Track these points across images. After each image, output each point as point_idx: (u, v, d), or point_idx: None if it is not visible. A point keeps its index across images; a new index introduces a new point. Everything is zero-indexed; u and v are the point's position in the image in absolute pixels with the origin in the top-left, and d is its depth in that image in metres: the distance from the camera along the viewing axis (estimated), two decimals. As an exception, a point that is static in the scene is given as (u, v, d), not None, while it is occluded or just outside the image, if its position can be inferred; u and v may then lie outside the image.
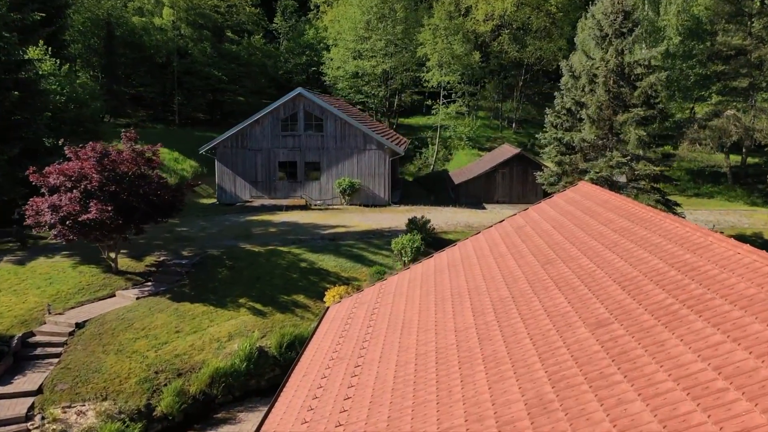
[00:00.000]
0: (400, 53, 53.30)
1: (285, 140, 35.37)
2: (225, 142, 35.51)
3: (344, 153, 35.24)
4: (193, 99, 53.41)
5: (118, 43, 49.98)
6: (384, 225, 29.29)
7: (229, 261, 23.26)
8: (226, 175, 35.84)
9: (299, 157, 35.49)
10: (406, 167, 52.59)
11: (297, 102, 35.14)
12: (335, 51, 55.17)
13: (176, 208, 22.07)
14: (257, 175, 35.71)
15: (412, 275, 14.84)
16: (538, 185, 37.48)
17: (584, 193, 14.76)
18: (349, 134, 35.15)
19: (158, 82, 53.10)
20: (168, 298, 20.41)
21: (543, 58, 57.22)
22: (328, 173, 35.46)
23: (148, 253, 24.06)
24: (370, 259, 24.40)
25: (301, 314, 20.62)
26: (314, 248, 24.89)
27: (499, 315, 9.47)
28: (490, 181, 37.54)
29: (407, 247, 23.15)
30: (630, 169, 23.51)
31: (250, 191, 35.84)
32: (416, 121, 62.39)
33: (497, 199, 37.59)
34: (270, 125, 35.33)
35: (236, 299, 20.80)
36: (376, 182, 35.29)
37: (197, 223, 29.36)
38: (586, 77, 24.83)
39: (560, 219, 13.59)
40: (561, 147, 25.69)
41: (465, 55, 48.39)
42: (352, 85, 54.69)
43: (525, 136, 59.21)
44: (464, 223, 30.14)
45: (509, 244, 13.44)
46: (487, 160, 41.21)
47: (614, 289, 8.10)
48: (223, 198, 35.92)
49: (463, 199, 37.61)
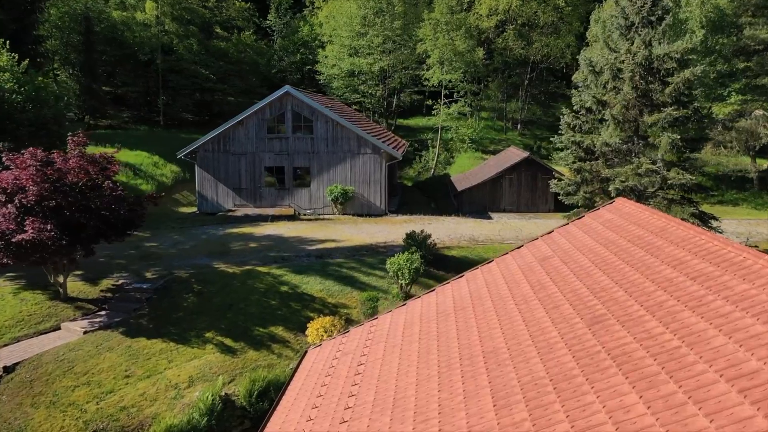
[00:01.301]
0: (398, 50, 50.19)
1: (271, 143, 32.25)
2: (205, 145, 32.37)
3: (336, 157, 32.11)
4: (179, 99, 50.31)
5: (97, 40, 46.86)
6: (379, 239, 26.13)
7: (197, 285, 20.09)
8: (207, 182, 32.70)
9: (287, 161, 32.35)
10: (404, 171, 49.47)
11: (284, 101, 32.01)
12: (330, 48, 52.04)
13: (134, 224, 18.90)
14: (241, 181, 32.57)
15: (409, 317, 11.71)
16: (548, 192, 34.39)
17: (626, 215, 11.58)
18: (342, 137, 32.01)
19: (142, 81, 50.03)
20: (121, 332, 17.25)
21: (550, 55, 54.11)
22: (318, 180, 32.32)
23: (107, 274, 20.90)
24: (362, 281, 21.24)
25: (279, 351, 17.46)
26: (298, 268, 21.72)
27: (535, 413, 6.19)
28: (496, 188, 34.39)
29: (404, 269, 20.00)
30: (661, 178, 20.38)
31: (234, 199, 32.69)
32: (416, 122, 59.28)
33: (504, 207, 34.45)
34: (255, 127, 32.19)
35: (202, 333, 17.63)
36: (372, 189, 32.15)
37: (170, 237, 26.20)
38: (610, 72, 21.69)
39: (600, 251, 10.42)
40: (579, 151, 22.56)
41: (468, 52, 45.25)
42: (347, 84, 51.57)
43: (531, 138, 56.10)
44: (468, 237, 26.99)
45: (534, 284, 10.28)
46: (492, 165, 38.07)
47: (721, 387, 4.86)
48: (203, 207, 32.78)
49: (467, 207, 34.46)
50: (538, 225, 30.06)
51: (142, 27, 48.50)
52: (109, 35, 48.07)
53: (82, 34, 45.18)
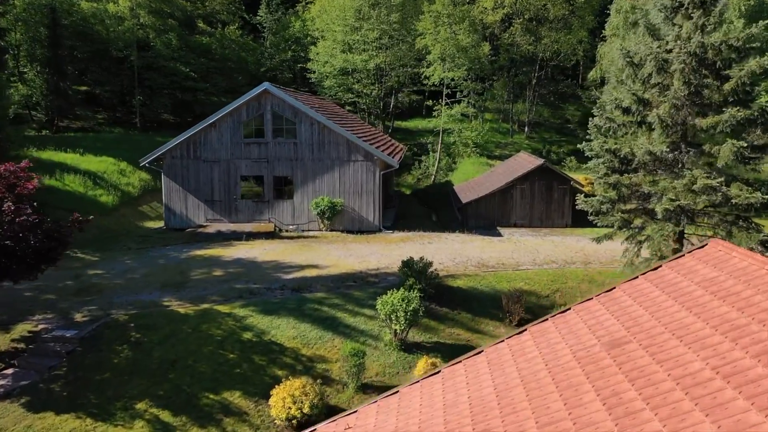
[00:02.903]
0: (396, 46, 46.03)
1: (248, 149, 28.04)
2: (173, 151, 28.17)
3: (323, 165, 27.92)
4: (156, 99, 46.03)
5: (66, 34, 42.64)
6: (371, 264, 21.94)
7: (137, 332, 15.87)
8: (174, 194, 28.50)
9: (266, 170, 28.15)
10: (403, 178, 45.29)
11: (263, 100, 27.83)
12: (322, 44, 47.85)
13: (50, 258, 14.69)
14: (214, 193, 28.36)
15: (413, 417, 7.71)
16: (564, 204, 30.24)
17: (731, 268, 7.46)
18: (330, 142, 27.82)
19: (116, 79, 45.74)
20: (23, 403, 13.05)
21: (560, 52, 49.94)
22: (302, 191, 28.12)
23: (26, 316, 16.68)
24: (347, 323, 17.04)
25: (233, 427, 13.24)
26: (268, 306, 17.51)
27: None
28: (506, 200, 30.21)
29: (399, 311, 15.81)
30: (722, 196, 16.20)
31: (205, 213, 28.49)
32: (415, 125, 55.08)
33: (515, 221, 30.26)
34: (229, 130, 27.99)
35: (132, 403, 13.42)
36: (364, 202, 27.95)
37: (121, 263, 22.00)
38: (653, 64, 17.53)
39: (701, 331, 6.36)
40: (614, 161, 18.38)
41: (472, 47, 41.05)
42: (340, 84, 47.35)
43: (539, 141, 51.94)
44: (476, 260, 22.80)
45: (601, 389, 6.21)
46: (500, 173, 33.88)
47: None
48: (171, 222, 28.58)
49: (473, 221, 30.28)
50: (556, 245, 25.88)
51: (115, 20, 44.27)
52: (79, 29, 43.85)
53: (48, 27, 40.96)
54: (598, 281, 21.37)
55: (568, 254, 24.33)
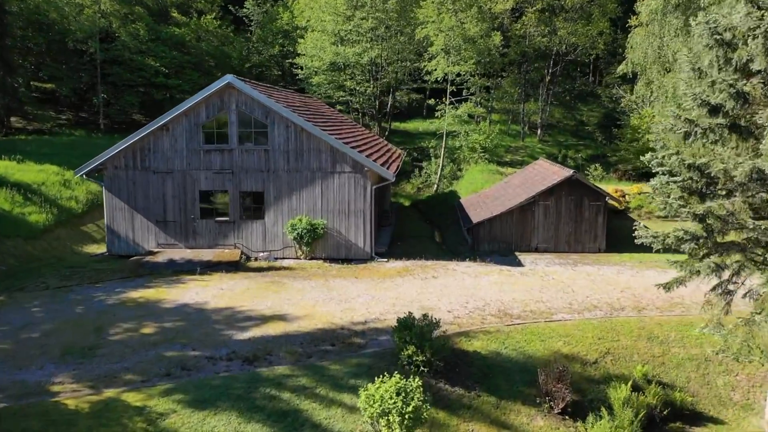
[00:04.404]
0: (393, 37, 40.60)
1: (209, 158, 22.62)
2: (115, 160, 22.75)
3: (302, 178, 22.50)
4: (122, 97, 40.59)
5: (14, 22, 37.23)
6: (357, 313, 16.52)
7: (-11, 449, 10.44)
8: (119, 212, 23.06)
9: (231, 183, 22.72)
10: (401, 187, 39.87)
11: (226, 98, 22.42)
12: (310, 35, 42.41)
13: None
14: (167, 211, 22.92)
15: None
16: (597, 224, 24.82)
17: None
18: (311, 148, 22.40)
19: (75, 74, 40.30)
20: None
21: (577, 45, 44.53)
22: (276, 209, 22.69)
23: None
24: (317, 420, 11.60)
25: None
26: (202, 393, 12.07)
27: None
28: (526, 218, 24.81)
29: (393, 412, 10.39)
30: None
31: (157, 237, 23.04)
32: (415, 127, 49.67)
33: (536, 245, 24.86)
34: (185, 134, 22.57)
35: None
36: (352, 224, 22.53)
37: (25, 311, 16.51)
38: (762, 43, 12.21)
39: None
40: (699, 182, 13.01)
41: (481, 38, 35.62)
42: (331, 80, 41.90)
43: (554, 145, 46.53)
44: (496, 306, 17.37)
45: None
46: (516, 184, 28.45)
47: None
48: (115, 247, 23.15)
49: (486, 245, 24.89)
50: (592, 279, 20.47)
51: (73, 7, 38.83)
52: (31, 17, 38.41)
53: (-7, 14, 35.56)
54: (661, 338, 15.95)
55: (612, 293, 18.91)
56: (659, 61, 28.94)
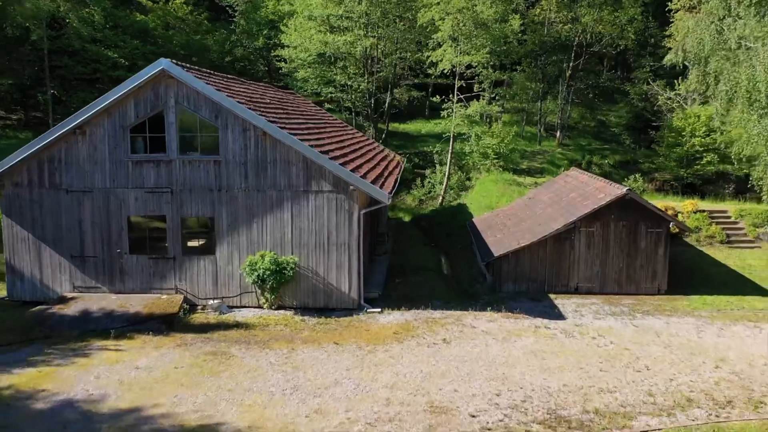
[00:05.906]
0: (391, 25, 34.74)
1: (140, 171, 16.71)
2: (14, 175, 16.86)
3: (265, 200, 16.61)
4: (74, 93, 34.75)
5: (-59, 4, 31.38)
6: (330, 422, 10.64)
7: None
8: (21, 244, 17.18)
9: (171, 207, 16.82)
10: (400, 198, 34.01)
11: (162, 90, 16.52)
12: (294, 23, 36.56)
13: None
14: (85, 244, 17.02)
15: None
16: (657, 258, 18.93)
17: None
18: (277, 160, 16.51)
19: (17, 66, 34.46)
20: None
21: (603, 35, 38.70)
22: (231, 242, 16.80)
23: None
24: None
25: None
26: None
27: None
28: (563, 250, 18.95)
29: None
30: None
31: (72, 277, 17.15)
32: (416, 128, 43.80)
33: (576, 284, 19.01)
34: (108, 139, 16.67)
35: None
36: (333, 261, 16.64)
37: None
38: None
39: None
40: None
41: (496, 22, 29.74)
42: (318, 75, 36.01)
43: (576, 150, 40.69)
44: (542, 402, 11.50)
45: None
46: (546, 202, 22.55)
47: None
48: (17, 290, 17.26)
49: (510, 284, 19.05)
50: (666, 343, 14.61)
51: (14, -13, 33.05)
52: (-37, -1, 32.54)
53: None
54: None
55: (704, 372, 13.03)
56: (720, 48, 23.12)
